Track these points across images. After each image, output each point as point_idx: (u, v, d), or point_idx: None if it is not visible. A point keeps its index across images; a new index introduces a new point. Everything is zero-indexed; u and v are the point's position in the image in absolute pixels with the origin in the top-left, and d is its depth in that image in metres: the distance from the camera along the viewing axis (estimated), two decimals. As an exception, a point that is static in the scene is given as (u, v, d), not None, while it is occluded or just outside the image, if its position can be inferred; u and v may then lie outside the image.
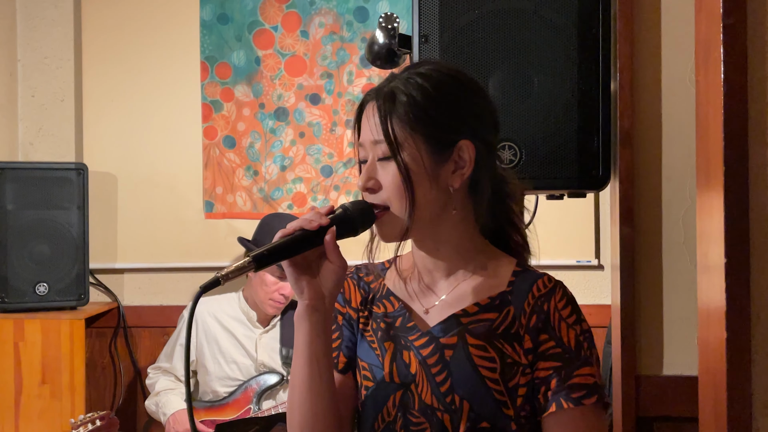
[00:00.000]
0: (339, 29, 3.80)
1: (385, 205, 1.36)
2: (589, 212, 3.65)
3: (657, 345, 2.06)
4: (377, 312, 1.46)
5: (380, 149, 1.35)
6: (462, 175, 1.37)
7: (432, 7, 1.92)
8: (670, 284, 2.06)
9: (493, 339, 1.36)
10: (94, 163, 3.77)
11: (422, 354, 1.39)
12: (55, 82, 3.81)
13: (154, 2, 3.85)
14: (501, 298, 1.39)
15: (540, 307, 1.36)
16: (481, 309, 1.39)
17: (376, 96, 1.37)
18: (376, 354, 1.43)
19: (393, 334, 1.42)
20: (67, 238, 3.52)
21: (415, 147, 1.34)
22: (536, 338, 1.35)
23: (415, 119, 1.34)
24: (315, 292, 1.34)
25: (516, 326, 1.36)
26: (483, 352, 1.35)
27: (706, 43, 1.34)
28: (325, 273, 1.35)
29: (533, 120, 1.89)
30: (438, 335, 1.39)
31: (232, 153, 3.83)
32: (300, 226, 1.31)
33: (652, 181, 2.04)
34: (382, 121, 1.34)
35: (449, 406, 1.35)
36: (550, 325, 1.35)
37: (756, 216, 1.27)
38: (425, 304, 1.43)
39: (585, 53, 1.88)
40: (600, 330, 3.61)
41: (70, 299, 3.53)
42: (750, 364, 1.25)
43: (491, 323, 1.37)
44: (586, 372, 1.34)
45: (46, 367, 3.40)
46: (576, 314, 1.37)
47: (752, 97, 1.27)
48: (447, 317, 1.39)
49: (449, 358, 1.37)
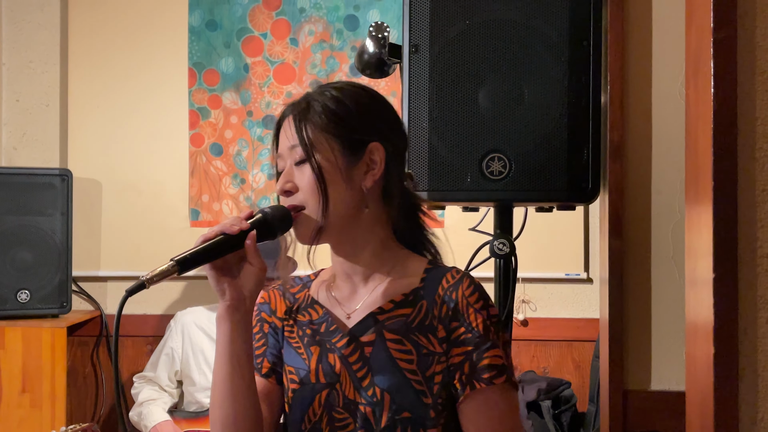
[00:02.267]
0: (329, 37, 3.81)
1: (301, 206, 1.44)
2: (578, 225, 3.66)
3: (645, 359, 2.07)
4: (302, 320, 1.55)
5: (296, 153, 1.45)
6: (374, 176, 1.47)
7: (423, 16, 1.94)
8: (659, 298, 2.07)
9: (408, 333, 1.45)
10: (78, 169, 3.76)
11: (344, 354, 1.48)
12: (40, 86, 3.80)
13: (143, 7, 3.85)
14: (414, 293, 1.48)
15: (449, 296, 1.45)
16: (396, 305, 1.48)
17: (293, 109, 1.48)
18: (303, 358, 1.52)
19: (318, 340, 1.51)
20: (49, 245, 3.51)
21: (328, 148, 1.44)
22: (448, 326, 1.44)
23: (328, 122, 1.45)
24: (236, 293, 1.41)
25: (429, 318, 1.45)
26: (400, 346, 1.45)
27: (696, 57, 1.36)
28: (245, 275, 1.42)
29: (523, 131, 1.90)
30: (357, 334, 1.48)
31: (219, 161, 3.83)
32: (221, 231, 1.39)
33: (642, 195, 2.05)
34: (296, 126, 1.45)
35: (371, 399, 1.43)
36: (459, 312, 1.44)
37: (744, 231, 1.28)
38: (347, 309, 1.52)
39: (576, 65, 1.89)
40: (588, 344, 3.62)
41: (52, 307, 3.51)
42: (738, 380, 1.26)
43: (406, 318, 1.46)
44: (496, 353, 1.43)
45: (26, 376, 3.38)
46: (483, 300, 1.46)
47: (742, 112, 1.28)
48: (365, 317, 1.49)
49: (369, 354, 1.46)
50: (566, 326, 3.69)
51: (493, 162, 1.91)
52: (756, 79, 1.28)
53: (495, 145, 1.91)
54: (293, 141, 1.45)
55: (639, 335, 2.07)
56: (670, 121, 2.03)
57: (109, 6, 3.86)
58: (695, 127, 1.37)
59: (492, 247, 2.00)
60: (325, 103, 1.46)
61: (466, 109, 1.91)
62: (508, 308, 2.00)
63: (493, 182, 1.90)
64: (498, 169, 1.91)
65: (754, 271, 1.27)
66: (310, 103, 1.46)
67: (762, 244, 1.27)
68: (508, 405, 1.44)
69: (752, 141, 1.28)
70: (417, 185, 1.77)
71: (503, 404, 1.43)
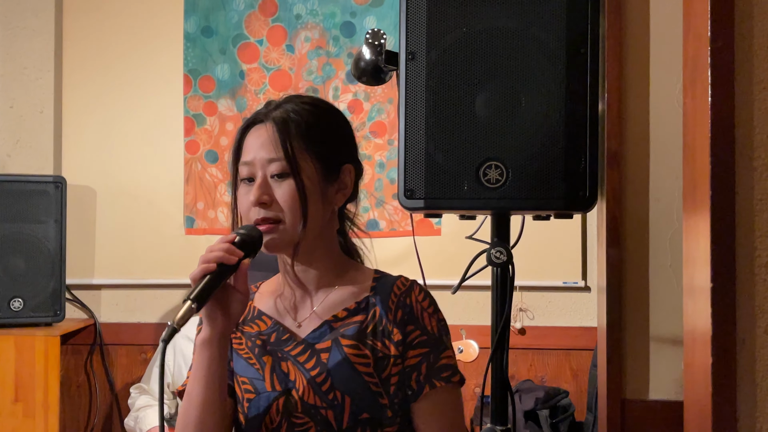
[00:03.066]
0: (325, 44, 3.81)
1: (276, 219, 1.49)
2: (576, 233, 3.67)
3: (643, 369, 2.07)
4: (250, 332, 1.60)
5: (275, 167, 1.49)
6: (344, 196, 1.57)
7: (419, 24, 1.94)
8: (657, 307, 2.07)
9: (364, 338, 1.53)
10: (72, 176, 3.76)
11: (299, 361, 1.53)
12: (35, 93, 3.80)
13: (138, 14, 3.86)
14: (366, 301, 1.56)
15: (403, 302, 1.54)
16: (350, 313, 1.55)
17: (268, 119, 1.52)
18: (256, 368, 1.56)
19: (269, 350, 1.56)
20: (43, 253, 3.51)
21: (311, 167, 1.50)
22: (404, 330, 1.53)
23: (310, 140, 1.51)
24: (226, 320, 1.46)
25: (384, 323, 1.53)
26: (357, 350, 1.52)
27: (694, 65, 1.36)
28: (233, 302, 1.46)
29: (520, 139, 1.91)
30: (313, 342, 1.54)
31: (214, 168, 3.83)
32: (220, 260, 1.41)
33: (640, 203, 2.06)
34: (281, 140, 1.48)
35: (332, 402, 1.49)
36: (414, 317, 1.54)
37: (742, 240, 1.28)
38: (297, 318, 1.58)
39: (573, 73, 1.90)
40: (586, 352, 3.62)
41: (45, 315, 3.50)
42: (736, 390, 1.27)
43: (360, 324, 1.54)
44: (449, 354, 1.55)
45: (19, 385, 3.37)
46: (434, 306, 1.57)
47: (739, 121, 1.28)
48: (319, 325, 1.55)
49: (326, 360, 1.52)
50: (564, 335, 3.69)
51: (490, 170, 1.92)
52: (754, 88, 1.28)
53: (492, 152, 1.91)
54: (273, 154, 1.49)
55: (637, 344, 2.08)
56: (667, 129, 2.04)
57: (103, 12, 3.86)
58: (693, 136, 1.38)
59: (489, 255, 2.00)
60: (308, 120, 1.51)
61: (463, 116, 1.91)
62: (506, 317, 2.00)
63: (490, 190, 1.91)
64: (495, 177, 1.91)
65: (752, 281, 1.28)
66: (289, 116, 1.51)
67: (760, 254, 1.28)
68: (460, 402, 1.57)
69: (750, 150, 1.29)
70: (414, 193, 1.79)
71: (457, 401, 1.55)
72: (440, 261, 3.41)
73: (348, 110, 3.79)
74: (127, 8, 3.86)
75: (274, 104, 1.55)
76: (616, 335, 2.07)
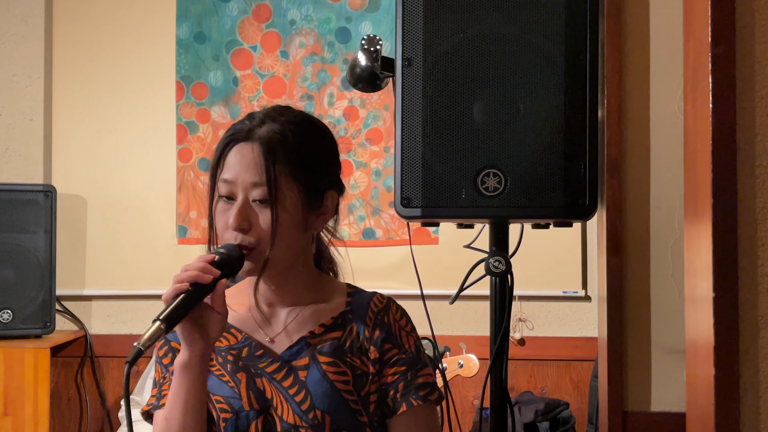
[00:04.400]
0: (320, 50, 3.82)
1: (251, 246, 1.47)
2: (575, 242, 3.67)
3: (645, 380, 2.07)
4: (220, 346, 1.56)
5: (258, 192, 1.47)
6: (324, 221, 1.57)
7: (416, 29, 1.94)
8: (659, 317, 2.08)
9: (342, 355, 1.53)
10: (62, 185, 3.76)
11: (276, 379, 1.52)
12: (24, 100, 3.80)
13: (129, 20, 3.86)
14: (342, 317, 1.57)
15: (381, 320, 1.56)
16: (327, 329, 1.55)
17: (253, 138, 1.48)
18: (230, 386, 1.53)
19: (242, 365, 1.54)
20: (33, 263, 3.50)
21: (295, 195, 1.49)
22: (381, 348, 1.54)
23: (296, 169, 1.49)
24: (205, 342, 1.44)
25: (361, 340, 1.55)
26: (335, 368, 1.52)
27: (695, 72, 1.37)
28: (211, 323, 1.43)
29: (518, 147, 1.91)
30: (289, 359, 1.54)
31: (207, 176, 3.83)
32: (193, 280, 1.39)
33: (641, 211, 2.06)
34: (266, 167, 1.46)
35: (312, 421, 1.49)
36: (392, 335, 1.56)
37: (744, 249, 1.29)
38: (269, 333, 1.57)
39: (572, 79, 1.90)
40: (587, 363, 3.62)
41: (35, 327, 3.50)
42: (739, 402, 1.27)
43: (338, 341, 1.54)
44: (426, 372, 1.56)
45: (8, 398, 3.37)
46: (410, 324, 1.60)
47: (741, 128, 1.29)
48: (296, 341, 1.54)
49: (304, 378, 1.51)
50: (564, 345, 3.69)
51: (488, 178, 1.92)
52: (755, 95, 1.29)
53: (490, 160, 1.91)
54: (256, 178, 1.46)
55: (639, 355, 2.08)
56: (668, 136, 2.04)
57: (94, 18, 3.87)
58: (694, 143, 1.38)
59: (487, 264, 2.00)
60: (295, 145, 1.49)
61: (460, 123, 1.91)
62: (505, 327, 2.00)
63: (489, 198, 1.91)
64: (493, 185, 1.91)
65: (755, 290, 1.28)
66: (274, 137, 1.48)
67: (763, 263, 1.28)
68: (436, 420, 1.58)
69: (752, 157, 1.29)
70: (410, 202, 1.79)
71: (432, 419, 1.56)
72: (438, 270, 3.40)
73: (343, 117, 3.79)
74: (119, 14, 3.86)
75: (258, 119, 1.52)
76: (617, 346, 2.07)
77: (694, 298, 1.39)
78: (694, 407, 1.40)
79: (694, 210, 1.38)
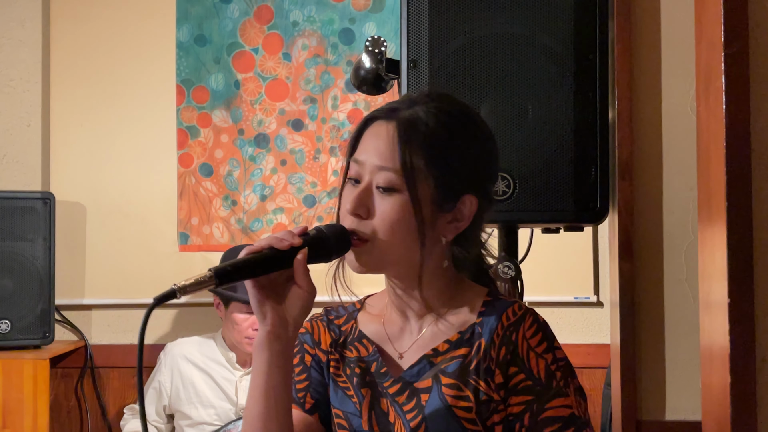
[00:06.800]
0: (323, 52, 3.83)
1: (366, 236, 1.35)
2: (587, 246, 3.67)
3: (659, 388, 2.07)
4: (350, 356, 1.46)
5: (384, 178, 1.34)
6: (457, 229, 1.39)
7: (421, 30, 1.95)
8: (673, 323, 2.07)
9: (466, 376, 1.37)
10: (61, 192, 3.77)
11: (398, 402, 1.39)
12: (21, 106, 3.81)
13: (128, 23, 3.87)
14: (471, 330, 1.40)
15: (508, 337, 1.36)
16: (452, 346, 1.39)
17: (393, 117, 1.36)
18: (353, 401, 1.43)
19: (369, 381, 1.43)
20: (31, 272, 3.51)
21: (426, 188, 1.34)
22: (506, 372, 1.35)
23: (432, 159, 1.34)
24: (279, 318, 1.31)
25: (487, 360, 1.37)
26: (457, 392, 1.36)
27: (707, 72, 1.37)
28: (291, 298, 1.32)
29: (527, 150, 1.91)
30: (411, 380, 1.40)
31: (208, 182, 3.84)
32: (269, 244, 1.29)
33: (653, 215, 2.06)
34: (401, 152, 1.33)
35: None
36: (518, 357, 1.35)
37: (760, 253, 1.29)
38: (399, 348, 1.44)
39: (582, 80, 1.90)
40: (599, 371, 3.61)
41: (33, 337, 3.50)
42: (756, 410, 1.27)
43: (463, 359, 1.38)
44: (560, 404, 1.33)
45: (6, 411, 3.37)
46: (547, 342, 1.37)
47: (755, 129, 1.29)
48: (418, 359, 1.40)
49: (425, 402, 1.37)
50: (575, 352, 3.68)
51: (497, 181, 1.92)
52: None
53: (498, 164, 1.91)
54: (387, 162, 1.34)
55: (652, 362, 2.07)
56: (681, 138, 2.04)
57: (93, 21, 3.88)
58: (707, 145, 1.39)
59: (497, 270, 2.01)
60: (435, 131, 1.35)
61: (467, 126, 1.92)
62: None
63: (497, 202, 1.91)
64: (502, 189, 1.92)
65: (771, 295, 1.28)
66: (417, 120, 1.35)
67: (779, 267, 1.28)
68: None
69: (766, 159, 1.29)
70: None
71: None
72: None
73: (348, 120, 3.80)
74: (117, 17, 3.87)
75: (410, 101, 1.39)
76: (630, 353, 2.07)
77: (708, 303, 1.39)
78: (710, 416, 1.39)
79: (708, 213, 1.38)
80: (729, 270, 1.28)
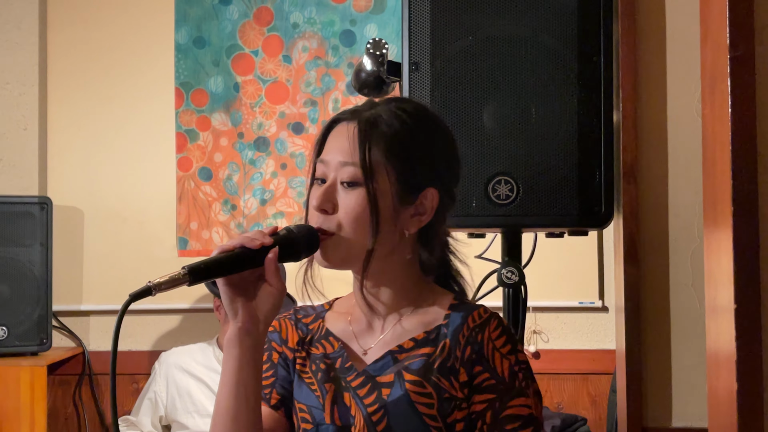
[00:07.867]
0: (324, 54, 3.83)
1: (331, 230, 1.42)
2: (591, 251, 3.67)
3: (665, 394, 2.07)
4: (316, 353, 1.52)
5: (347, 172, 1.42)
6: (419, 222, 1.45)
7: (423, 32, 1.95)
8: (679, 328, 2.07)
9: (429, 374, 1.42)
10: (58, 196, 3.77)
11: (359, 395, 1.45)
12: (18, 109, 3.82)
13: (126, 25, 3.88)
14: (437, 331, 1.46)
15: (474, 338, 1.43)
16: (417, 344, 1.45)
17: (355, 118, 1.44)
18: (316, 395, 1.48)
19: (333, 376, 1.48)
20: (28, 278, 3.51)
21: (387, 181, 1.42)
22: (470, 370, 1.42)
23: (393, 154, 1.42)
24: (249, 315, 1.38)
25: (452, 359, 1.43)
26: (420, 388, 1.41)
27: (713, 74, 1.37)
28: (262, 296, 1.39)
29: (531, 153, 1.92)
30: (374, 374, 1.45)
31: (208, 186, 3.84)
32: (241, 243, 1.36)
33: (658, 219, 2.06)
34: (360, 146, 1.41)
35: None
36: (483, 356, 1.42)
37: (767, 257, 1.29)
38: (364, 345, 1.50)
39: (586, 82, 1.91)
40: (605, 377, 3.62)
41: (31, 344, 3.50)
42: (762, 417, 1.27)
43: (427, 358, 1.44)
44: (521, 403, 1.40)
45: (4, 418, 3.37)
46: (511, 344, 1.44)
47: (761, 132, 1.29)
48: (382, 355, 1.46)
49: (386, 397, 1.43)
50: (581, 358, 3.69)
51: (500, 185, 1.93)
52: (776, 97, 1.29)
53: (501, 167, 1.92)
54: (348, 158, 1.42)
55: (658, 367, 2.08)
56: (686, 141, 2.05)
57: (90, 23, 3.89)
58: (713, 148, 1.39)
59: (500, 275, 2.01)
60: (395, 127, 1.43)
61: (470, 129, 1.92)
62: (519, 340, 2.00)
63: (500, 207, 1.92)
64: (505, 193, 1.92)
65: (779, 300, 1.28)
66: (378, 119, 1.43)
67: (786, 271, 1.28)
68: None
69: (773, 162, 1.29)
70: None
71: None
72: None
73: (349, 123, 3.80)
74: (115, 19, 3.88)
75: (371, 104, 1.48)
76: (636, 358, 2.07)
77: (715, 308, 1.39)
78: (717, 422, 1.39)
79: (714, 217, 1.38)
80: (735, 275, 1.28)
